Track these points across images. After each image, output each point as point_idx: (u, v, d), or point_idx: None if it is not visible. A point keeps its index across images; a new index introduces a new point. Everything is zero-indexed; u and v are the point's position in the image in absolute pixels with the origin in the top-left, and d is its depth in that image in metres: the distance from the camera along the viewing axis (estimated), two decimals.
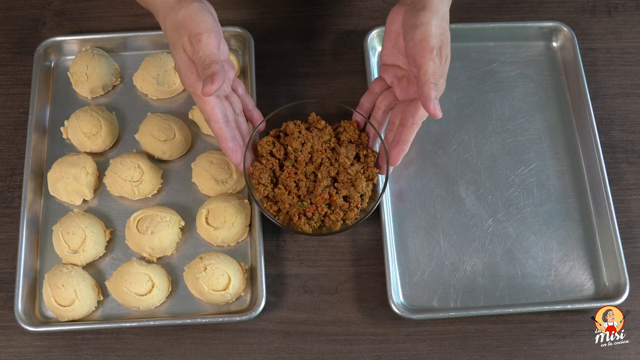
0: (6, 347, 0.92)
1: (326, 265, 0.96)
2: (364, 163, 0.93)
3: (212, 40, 0.82)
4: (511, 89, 1.06)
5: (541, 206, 0.98)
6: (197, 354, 0.91)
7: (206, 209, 0.94)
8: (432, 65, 0.82)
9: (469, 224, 0.97)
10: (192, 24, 0.83)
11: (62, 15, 1.11)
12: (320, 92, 1.06)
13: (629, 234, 0.98)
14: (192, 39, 0.82)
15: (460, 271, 0.94)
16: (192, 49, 0.82)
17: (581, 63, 1.04)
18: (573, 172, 1.00)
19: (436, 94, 0.82)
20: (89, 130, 0.98)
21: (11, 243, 0.96)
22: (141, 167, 0.96)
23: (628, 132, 1.04)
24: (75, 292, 0.90)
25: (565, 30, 1.07)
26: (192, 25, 0.83)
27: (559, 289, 0.94)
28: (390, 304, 0.90)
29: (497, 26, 1.08)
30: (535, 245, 0.96)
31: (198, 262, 0.91)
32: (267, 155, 0.93)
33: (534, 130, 1.03)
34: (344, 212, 0.91)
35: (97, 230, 0.94)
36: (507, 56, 1.08)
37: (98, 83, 1.02)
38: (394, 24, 0.90)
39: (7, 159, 1.02)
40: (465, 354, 0.92)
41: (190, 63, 0.85)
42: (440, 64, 0.83)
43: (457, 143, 1.02)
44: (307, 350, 0.92)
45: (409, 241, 0.96)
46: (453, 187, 0.99)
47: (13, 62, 1.08)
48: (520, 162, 1.01)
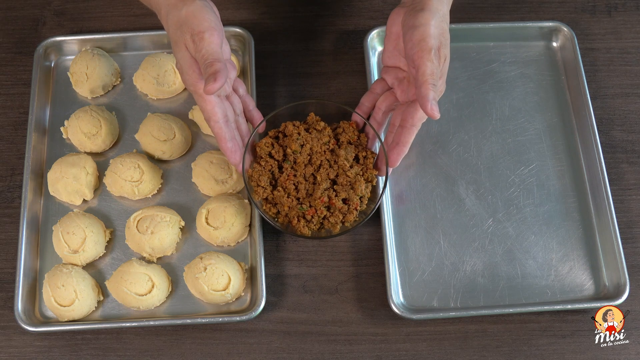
0: (6, 347, 0.92)
1: (326, 265, 0.96)
2: (363, 165, 0.93)
3: (215, 39, 0.82)
4: (511, 89, 1.06)
5: (541, 206, 0.98)
6: (197, 354, 0.91)
7: (206, 209, 0.94)
8: (430, 66, 0.82)
9: (469, 224, 0.97)
10: (195, 22, 0.82)
11: (62, 15, 1.11)
12: (320, 92, 1.06)
13: (629, 234, 0.98)
14: (194, 37, 0.82)
15: (460, 271, 0.94)
16: (194, 47, 0.82)
17: (581, 63, 1.04)
18: (573, 172, 1.00)
19: (434, 94, 0.82)
20: (89, 130, 0.98)
21: (11, 243, 0.96)
22: (141, 167, 0.96)
23: (628, 132, 1.04)
24: (75, 292, 0.90)
25: (565, 30, 1.07)
26: (195, 23, 0.82)
27: (559, 289, 0.94)
28: (390, 304, 0.90)
29: (497, 26, 1.08)
30: (535, 245, 0.96)
31: (198, 262, 0.91)
32: (266, 157, 0.93)
33: (534, 130, 1.03)
34: (343, 215, 0.91)
35: (97, 230, 0.94)
36: (507, 56, 1.08)
37: (98, 83, 1.02)
38: (394, 26, 0.90)
39: (7, 159, 1.02)
40: (465, 354, 0.92)
41: (192, 61, 0.84)
42: (438, 65, 0.83)
43: (457, 143, 1.02)
44: (307, 350, 0.92)
45: (409, 241, 0.96)
46: (453, 187, 0.99)
47: (13, 62, 1.08)
48: (520, 162, 1.01)
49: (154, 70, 1.02)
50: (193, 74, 0.85)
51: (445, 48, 0.85)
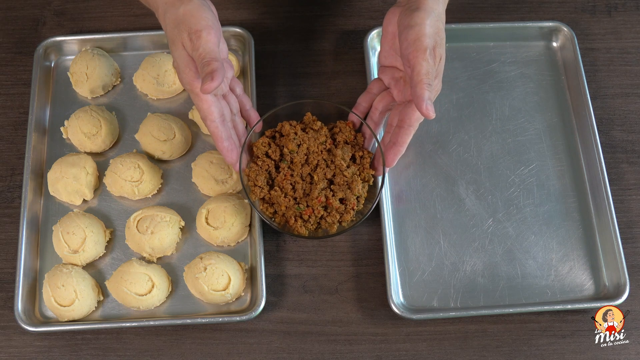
0: (6, 347, 0.92)
1: (326, 265, 0.96)
2: (360, 164, 0.93)
3: (212, 37, 0.82)
4: (511, 89, 1.06)
5: (541, 206, 0.98)
6: (197, 354, 0.91)
7: (206, 209, 0.94)
8: (426, 66, 0.82)
9: (469, 224, 0.97)
10: (192, 21, 0.82)
11: (62, 15, 1.11)
12: (320, 92, 1.06)
13: (629, 234, 0.98)
14: (191, 36, 0.82)
15: (460, 271, 0.94)
16: (191, 45, 0.82)
17: (581, 63, 1.04)
18: (573, 172, 1.00)
19: (429, 94, 0.81)
20: (89, 130, 0.98)
21: (11, 243, 0.96)
22: (141, 167, 0.96)
23: (628, 132, 1.04)
24: (75, 292, 0.90)
25: (565, 30, 1.07)
26: (192, 21, 0.82)
27: (559, 289, 0.94)
28: (390, 304, 0.90)
29: (497, 26, 1.08)
30: (535, 245, 0.96)
31: (198, 262, 0.91)
32: (262, 157, 0.93)
33: (534, 130, 1.03)
34: (340, 215, 0.91)
35: (97, 230, 0.94)
36: (507, 56, 1.08)
37: (98, 83, 1.02)
38: (390, 26, 0.90)
39: (7, 159, 1.02)
40: (465, 354, 0.92)
41: (189, 60, 0.84)
42: (434, 64, 0.83)
43: (457, 143, 1.02)
44: (307, 350, 0.92)
45: (409, 241, 0.96)
46: (453, 187, 0.99)
47: (13, 62, 1.08)
48: (520, 162, 1.01)
49: (154, 70, 1.02)
50: (190, 72, 0.85)
51: (441, 47, 0.85)
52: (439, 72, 0.86)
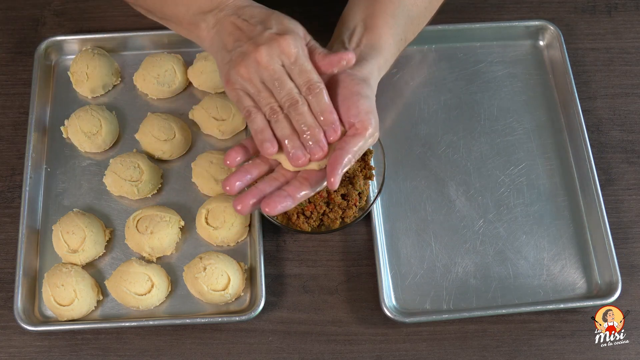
0: (6, 347, 0.92)
1: (326, 265, 0.96)
2: (362, 161, 0.93)
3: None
4: (499, 89, 1.05)
5: (531, 206, 0.98)
6: (197, 354, 0.91)
7: (206, 208, 0.94)
8: (362, 144, 0.78)
9: (460, 225, 0.97)
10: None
11: (62, 15, 1.11)
12: None
13: (630, 233, 0.98)
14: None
15: (452, 273, 0.94)
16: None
17: (568, 61, 1.04)
18: (562, 171, 1.00)
19: (343, 168, 0.77)
20: (89, 130, 0.98)
21: (11, 243, 0.96)
22: (141, 166, 0.96)
23: (628, 132, 1.04)
24: (75, 291, 0.90)
25: (552, 29, 1.06)
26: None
27: (551, 288, 0.93)
28: (382, 307, 0.90)
29: (483, 26, 1.07)
30: (527, 245, 0.96)
31: (197, 262, 0.91)
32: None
33: (523, 129, 1.03)
34: (343, 211, 0.91)
35: (97, 229, 0.94)
36: (494, 56, 1.08)
37: (98, 83, 1.03)
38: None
39: (7, 159, 1.02)
40: (465, 354, 0.91)
41: None
42: (366, 146, 0.79)
43: (446, 144, 1.01)
44: (307, 350, 0.92)
45: (400, 244, 0.95)
46: (443, 188, 0.99)
47: (13, 62, 1.08)
48: (509, 162, 1.00)
49: (155, 70, 1.02)
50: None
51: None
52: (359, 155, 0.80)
